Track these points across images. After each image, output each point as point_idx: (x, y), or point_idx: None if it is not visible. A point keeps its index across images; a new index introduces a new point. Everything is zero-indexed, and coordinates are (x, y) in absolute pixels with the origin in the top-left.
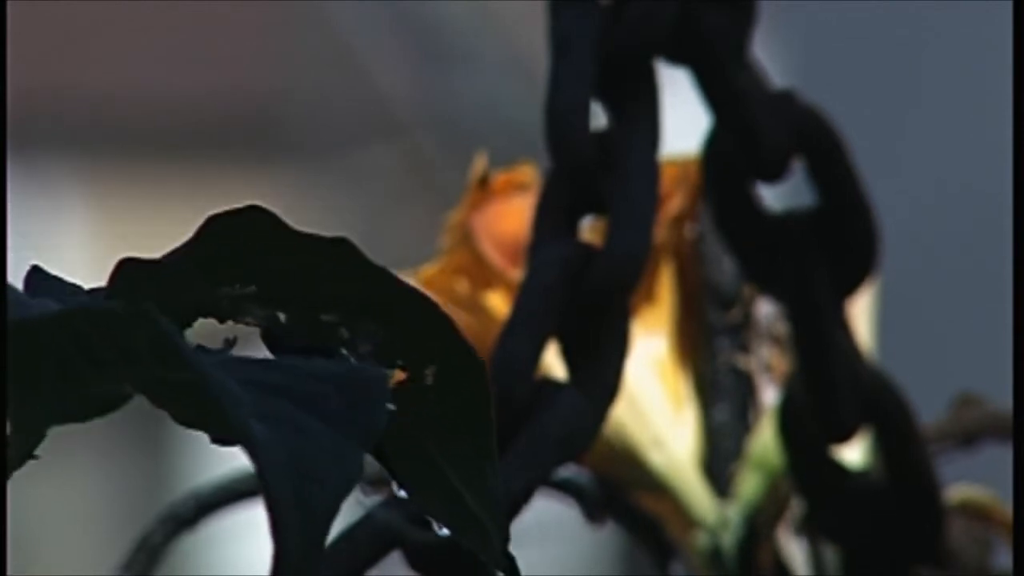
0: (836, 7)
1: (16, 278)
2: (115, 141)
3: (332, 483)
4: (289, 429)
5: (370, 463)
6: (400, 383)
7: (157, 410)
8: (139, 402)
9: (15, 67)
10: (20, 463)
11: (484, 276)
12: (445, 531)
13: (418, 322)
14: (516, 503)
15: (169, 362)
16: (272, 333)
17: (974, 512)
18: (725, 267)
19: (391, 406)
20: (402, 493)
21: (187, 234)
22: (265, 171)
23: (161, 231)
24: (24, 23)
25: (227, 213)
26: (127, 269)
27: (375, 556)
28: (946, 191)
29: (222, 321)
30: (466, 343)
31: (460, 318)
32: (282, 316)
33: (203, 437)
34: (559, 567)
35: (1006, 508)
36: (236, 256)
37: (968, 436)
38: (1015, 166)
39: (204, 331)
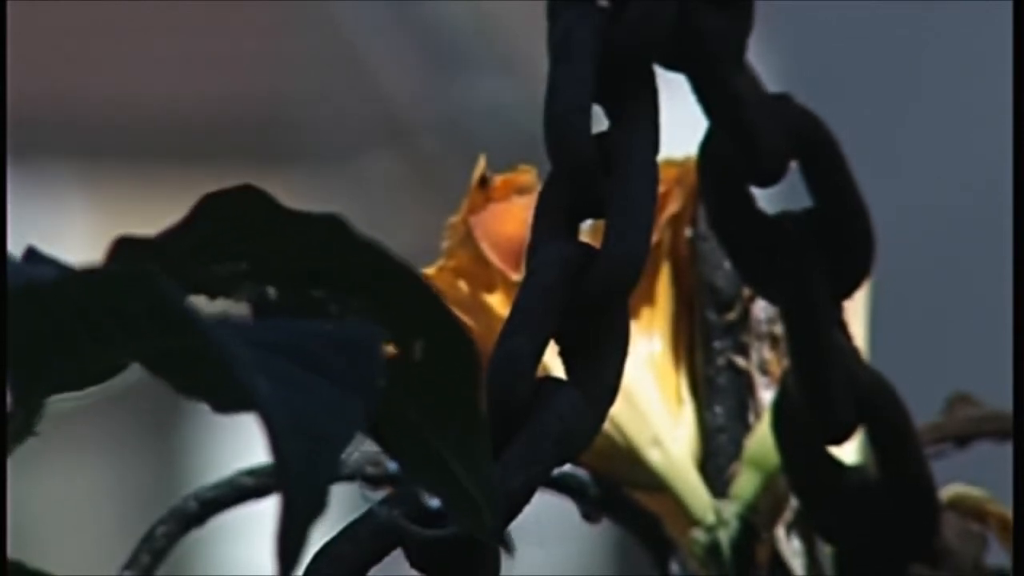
0: (834, 7)
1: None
2: (117, 144)
3: (335, 440)
4: (293, 387)
5: (373, 461)
6: (390, 358)
7: (162, 409)
8: (144, 400)
9: (17, 70)
10: (20, 438)
11: (484, 278)
12: (436, 502)
13: (407, 297)
14: (515, 501)
15: (169, 325)
16: (262, 309)
17: (967, 509)
18: (723, 267)
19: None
20: (393, 466)
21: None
22: (268, 174)
23: None
24: (26, 25)
25: (221, 192)
26: (123, 247)
27: (377, 553)
28: (945, 191)
29: (213, 298)
30: (454, 318)
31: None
32: (272, 292)
33: (208, 436)
34: (559, 566)
35: (999, 505)
36: (229, 234)
37: (963, 436)
38: (1015, 166)
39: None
